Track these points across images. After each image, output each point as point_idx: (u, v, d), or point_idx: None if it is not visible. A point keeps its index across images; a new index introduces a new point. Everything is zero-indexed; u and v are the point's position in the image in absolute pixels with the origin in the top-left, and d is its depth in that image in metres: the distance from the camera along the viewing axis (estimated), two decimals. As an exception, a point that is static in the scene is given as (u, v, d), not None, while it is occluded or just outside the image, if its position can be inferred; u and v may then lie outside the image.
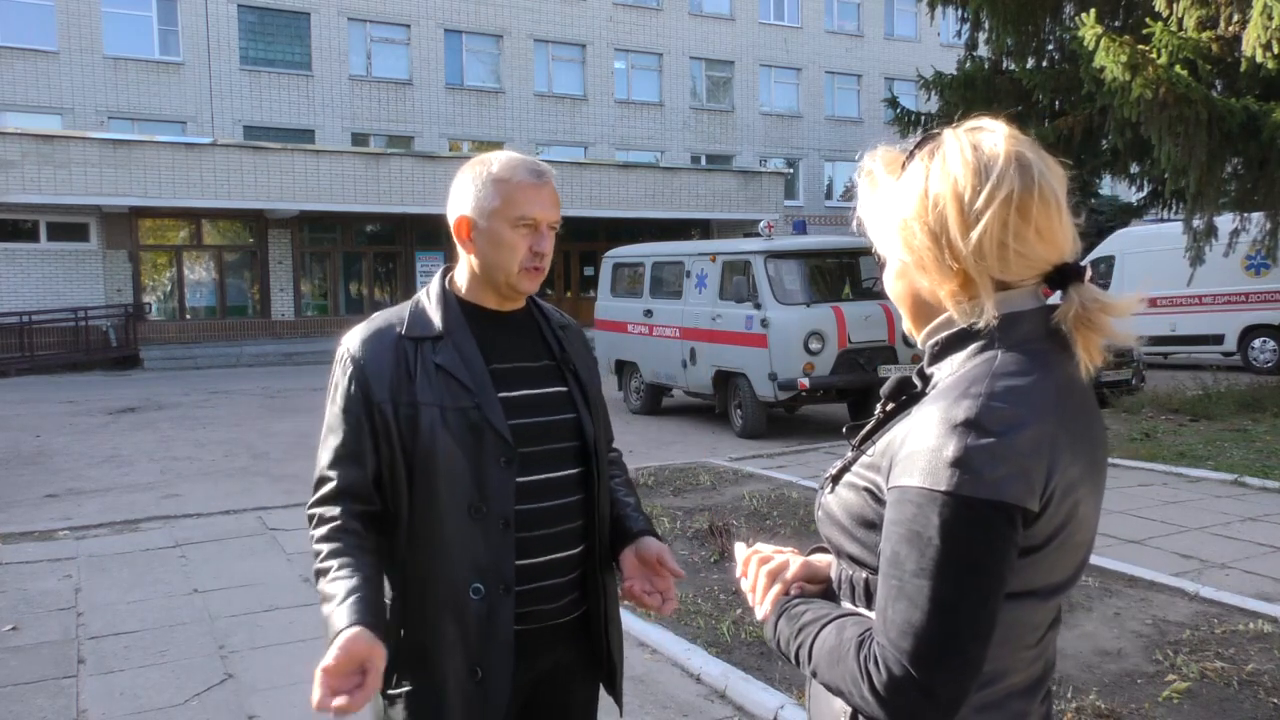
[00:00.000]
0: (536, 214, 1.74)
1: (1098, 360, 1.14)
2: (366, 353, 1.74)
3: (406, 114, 26.72)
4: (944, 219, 1.12)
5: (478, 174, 1.76)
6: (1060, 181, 1.15)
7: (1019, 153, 1.13)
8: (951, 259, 1.13)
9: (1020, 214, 1.10)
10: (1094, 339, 1.13)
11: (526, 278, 1.77)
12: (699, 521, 6.22)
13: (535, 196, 1.74)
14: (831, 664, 1.14)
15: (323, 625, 1.57)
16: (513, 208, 1.72)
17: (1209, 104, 8.91)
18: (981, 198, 1.10)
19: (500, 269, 1.75)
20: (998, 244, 1.10)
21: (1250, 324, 15.18)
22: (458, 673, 1.68)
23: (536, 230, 1.75)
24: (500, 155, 1.79)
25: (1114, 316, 1.13)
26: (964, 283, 1.14)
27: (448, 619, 1.69)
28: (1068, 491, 1.08)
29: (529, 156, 1.81)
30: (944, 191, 1.13)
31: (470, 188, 1.76)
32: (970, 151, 1.13)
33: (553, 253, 1.82)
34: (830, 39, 33.04)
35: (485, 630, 1.69)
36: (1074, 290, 1.13)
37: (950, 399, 1.08)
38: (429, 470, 1.68)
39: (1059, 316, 1.13)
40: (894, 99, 13.42)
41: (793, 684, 3.78)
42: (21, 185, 19.27)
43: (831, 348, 9.89)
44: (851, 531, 1.19)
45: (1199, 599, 4.69)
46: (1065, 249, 1.14)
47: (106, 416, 12.81)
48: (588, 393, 1.85)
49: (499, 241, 1.74)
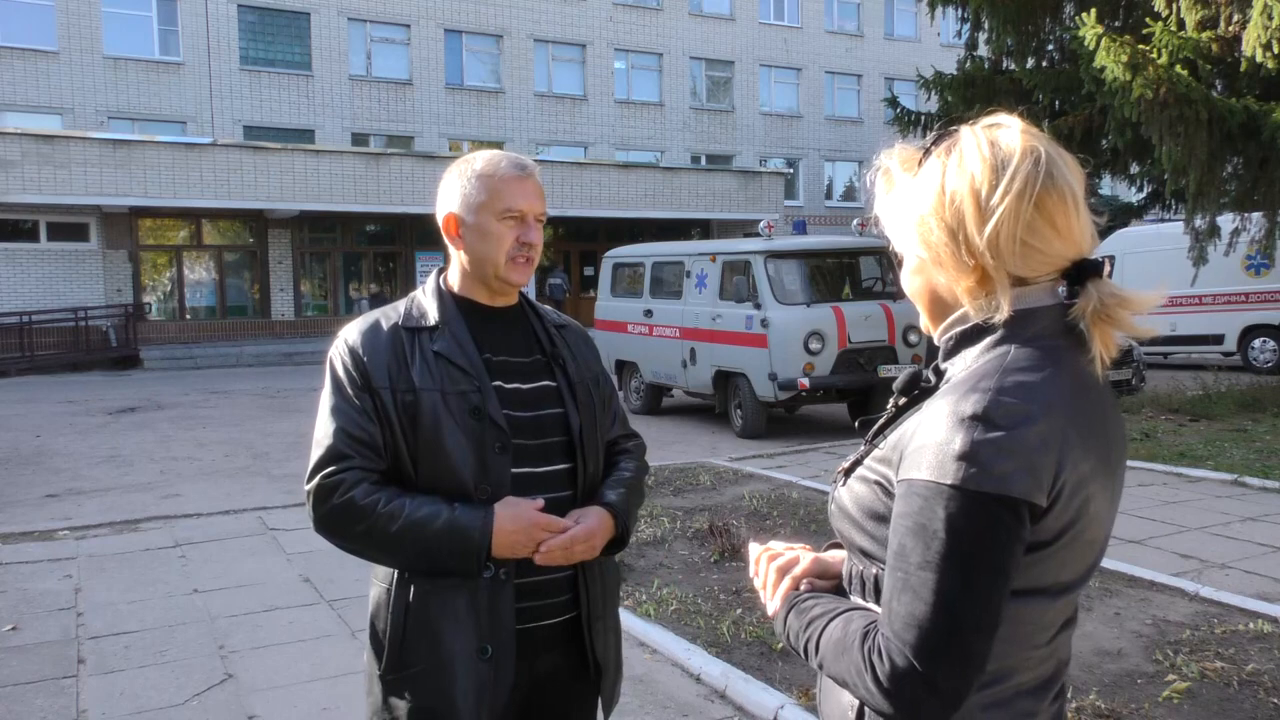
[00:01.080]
0: (521, 205, 1.78)
1: (1113, 354, 1.14)
2: (364, 342, 1.76)
3: (406, 114, 26.72)
4: (961, 215, 1.13)
5: (462, 172, 1.81)
6: (1078, 177, 1.15)
7: (1035, 148, 1.13)
8: (968, 255, 1.13)
9: (1037, 209, 1.10)
10: (1110, 335, 1.13)
11: (515, 269, 1.80)
12: (699, 521, 6.22)
13: (519, 189, 1.78)
14: (837, 656, 1.15)
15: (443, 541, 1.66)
16: (498, 200, 1.77)
17: (1209, 104, 8.91)
18: (998, 193, 1.10)
19: (489, 261, 1.79)
20: (1014, 240, 1.10)
21: (1250, 324, 15.19)
22: (468, 651, 1.69)
23: (523, 221, 1.79)
24: (484, 153, 1.84)
25: (1133, 312, 1.13)
26: (981, 279, 1.14)
27: (459, 597, 1.70)
28: (1077, 488, 1.08)
29: (512, 154, 1.85)
30: (961, 188, 1.13)
31: (456, 185, 1.81)
32: (987, 147, 1.13)
33: (541, 245, 1.85)
34: (830, 39, 33.04)
35: (494, 610, 1.71)
36: (1092, 286, 1.13)
37: (960, 393, 1.09)
38: (435, 452, 1.70)
39: (1077, 312, 1.13)
40: (894, 99, 13.41)
41: (793, 684, 3.78)
42: (21, 185, 19.27)
43: (831, 348, 9.89)
44: (862, 525, 1.20)
45: (1199, 599, 4.69)
46: (1083, 245, 1.14)
47: (106, 416, 12.81)
48: (576, 389, 1.86)
49: (486, 234, 1.78)
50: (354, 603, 4.84)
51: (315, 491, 1.70)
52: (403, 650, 1.72)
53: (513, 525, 1.66)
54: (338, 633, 4.58)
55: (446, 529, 1.65)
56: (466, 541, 1.64)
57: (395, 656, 1.72)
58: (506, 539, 1.66)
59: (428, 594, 1.71)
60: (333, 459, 1.69)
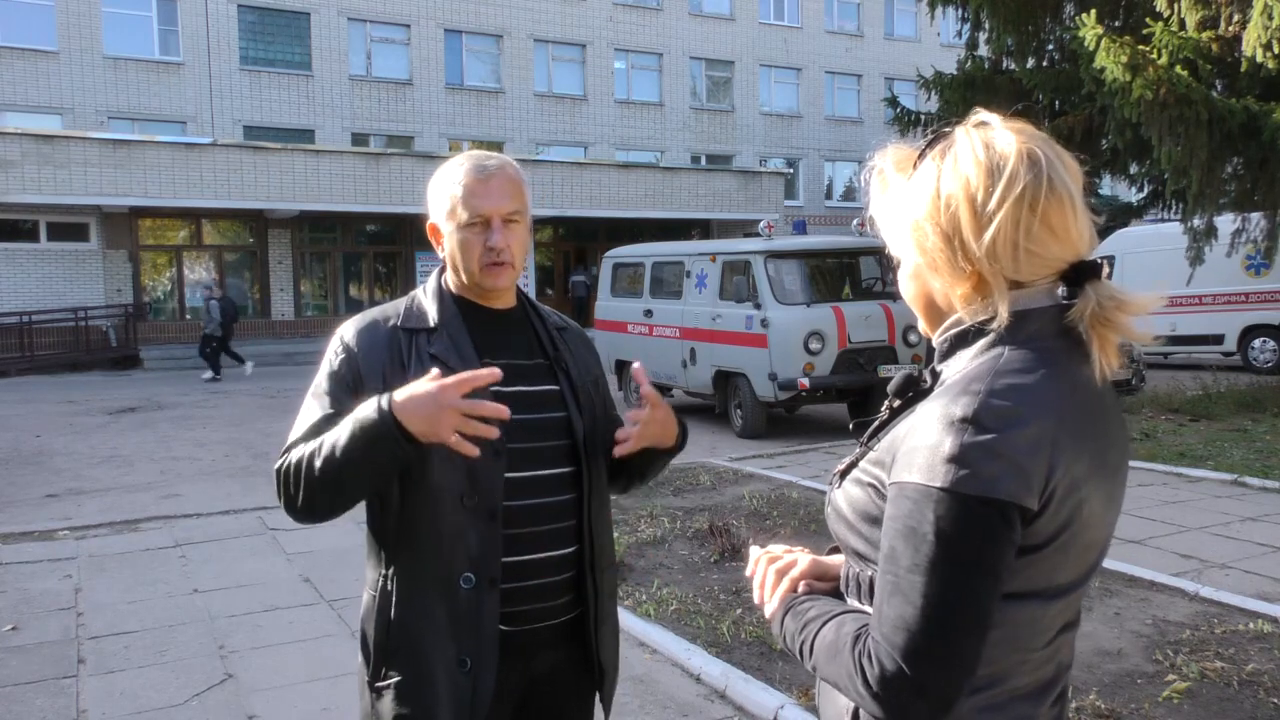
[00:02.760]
0: (484, 209, 1.75)
1: (1114, 360, 1.12)
2: (360, 342, 1.76)
3: (406, 114, 26.72)
4: (957, 221, 1.11)
5: (436, 180, 1.82)
6: (1075, 177, 1.13)
7: (1031, 150, 1.11)
8: (965, 261, 1.12)
9: (1033, 212, 1.09)
10: (1110, 338, 1.12)
11: (488, 275, 1.78)
12: (699, 521, 6.22)
13: (481, 191, 1.75)
14: (830, 659, 1.14)
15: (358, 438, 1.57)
16: (460, 209, 1.76)
17: (1209, 104, 8.91)
18: (994, 198, 1.09)
19: (465, 270, 1.79)
20: (1011, 244, 1.09)
21: (1250, 324, 15.19)
22: (447, 662, 1.69)
23: (487, 226, 1.76)
24: (455, 159, 1.82)
25: (1131, 315, 1.11)
26: (977, 284, 1.13)
27: (440, 607, 1.69)
28: (1070, 490, 1.07)
29: (483, 152, 1.84)
30: (956, 192, 1.12)
31: (434, 194, 1.81)
32: (982, 150, 1.12)
33: (525, 242, 1.82)
34: (830, 39, 33.03)
35: (474, 621, 1.69)
36: (1091, 288, 1.11)
37: (951, 396, 1.08)
38: (421, 457, 1.67)
39: (1074, 315, 1.11)
40: (894, 99, 13.42)
41: (793, 684, 3.78)
42: (21, 185, 19.27)
43: (831, 348, 9.89)
44: (857, 527, 1.19)
45: (1199, 599, 4.69)
46: (1081, 246, 1.12)
47: (106, 416, 12.81)
48: (579, 392, 1.86)
49: (456, 244, 1.78)
50: (354, 603, 4.82)
51: (274, 477, 1.70)
52: (386, 658, 1.72)
53: (411, 390, 1.56)
54: (338, 633, 4.58)
55: (355, 428, 1.58)
56: (375, 426, 1.56)
57: (379, 664, 1.73)
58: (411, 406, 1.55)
59: (409, 604, 1.71)
60: (290, 449, 1.70)
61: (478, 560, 1.69)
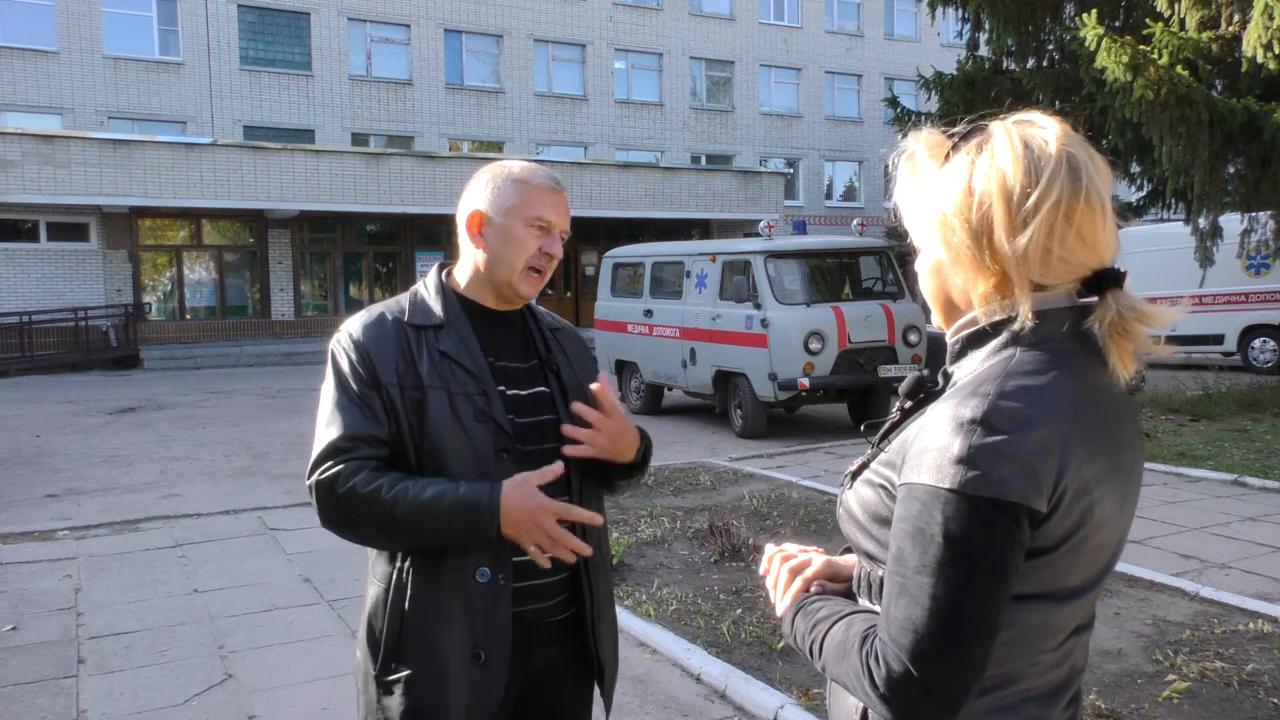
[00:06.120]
0: (551, 217, 1.80)
1: (1131, 369, 1.11)
2: (369, 337, 1.75)
3: (406, 114, 26.71)
4: (989, 219, 1.09)
5: (497, 174, 1.82)
6: (1107, 184, 1.11)
7: (1070, 154, 1.09)
8: (991, 260, 1.10)
9: (1069, 221, 1.07)
10: (1127, 347, 1.11)
11: (527, 280, 1.80)
12: (699, 521, 6.22)
13: (551, 200, 1.81)
14: (839, 659, 1.14)
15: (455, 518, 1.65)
16: (530, 207, 1.78)
17: (1210, 104, 8.91)
18: (1031, 201, 1.07)
19: (506, 265, 1.79)
20: (1042, 250, 1.08)
21: (1250, 324, 15.19)
22: (460, 656, 1.70)
23: (549, 232, 1.80)
24: (521, 161, 1.86)
25: (1150, 327, 1.10)
26: (1000, 283, 1.11)
27: (455, 602, 1.70)
28: (1081, 493, 1.06)
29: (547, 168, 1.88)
30: (991, 189, 1.10)
31: (488, 185, 1.81)
32: (1021, 148, 1.10)
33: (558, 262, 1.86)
34: (830, 39, 33.03)
35: (489, 615, 1.71)
36: (1111, 296, 1.10)
37: (961, 397, 1.07)
38: (439, 451, 1.69)
39: (1093, 321, 1.10)
40: (894, 99, 13.41)
41: (793, 684, 3.78)
42: (21, 185, 19.27)
43: (831, 348, 9.89)
44: (868, 528, 1.19)
45: (1199, 599, 4.69)
46: (1107, 255, 1.11)
47: (106, 416, 12.81)
48: (570, 394, 1.86)
49: (510, 237, 1.78)
50: (354, 603, 4.84)
51: (316, 487, 1.69)
52: (398, 651, 1.72)
53: (520, 502, 1.64)
54: (338, 633, 4.58)
55: (453, 508, 1.63)
56: (475, 519, 1.63)
57: (390, 657, 1.73)
58: (513, 516, 1.64)
59: (424, 597, 1.71)
60: (331, 454, 1.68)
61: (493, 555, 1.71)
